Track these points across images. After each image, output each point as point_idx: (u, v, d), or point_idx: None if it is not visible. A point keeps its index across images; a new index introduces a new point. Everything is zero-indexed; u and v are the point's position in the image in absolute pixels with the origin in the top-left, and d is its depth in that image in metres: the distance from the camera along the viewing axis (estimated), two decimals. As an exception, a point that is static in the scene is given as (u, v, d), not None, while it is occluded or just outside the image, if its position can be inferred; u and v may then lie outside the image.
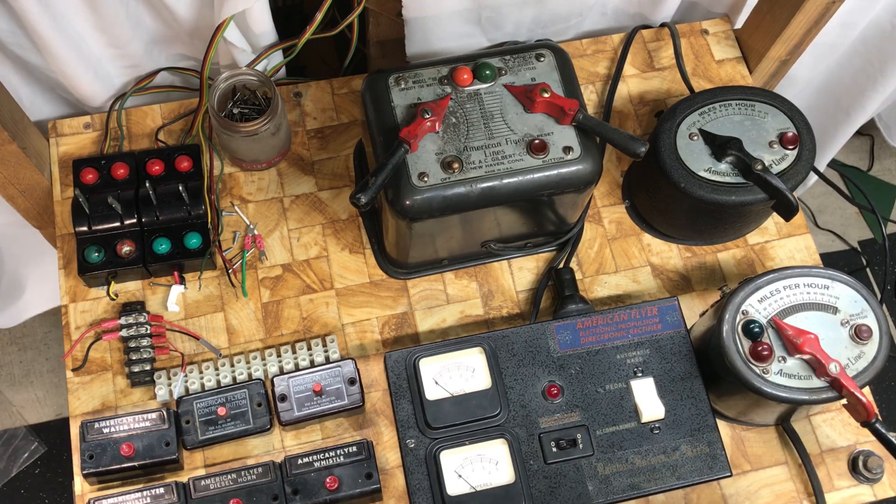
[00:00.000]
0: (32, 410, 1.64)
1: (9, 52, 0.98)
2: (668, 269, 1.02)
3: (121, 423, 0.87)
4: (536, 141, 0.86)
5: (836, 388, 0.82)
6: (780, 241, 1.04)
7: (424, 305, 0.98)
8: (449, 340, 0.91)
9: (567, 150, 0.86)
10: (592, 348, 0.91)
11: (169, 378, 0.92)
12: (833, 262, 1.81)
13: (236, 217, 1.01)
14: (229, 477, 0.86)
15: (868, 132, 1.91)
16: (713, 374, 0.89)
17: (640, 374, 0.90)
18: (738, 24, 1.15)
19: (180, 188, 0.95)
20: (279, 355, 0.94)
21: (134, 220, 0.95)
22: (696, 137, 0.95)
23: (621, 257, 1.02)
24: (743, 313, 0.86)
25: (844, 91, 1.40)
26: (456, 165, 0.84)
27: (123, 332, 0.93)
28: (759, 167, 0.91)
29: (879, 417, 0.83)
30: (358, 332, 0.97)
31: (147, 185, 0.95)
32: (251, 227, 1.00)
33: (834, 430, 0.95)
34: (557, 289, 0.98)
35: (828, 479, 0.93)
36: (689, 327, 0.93)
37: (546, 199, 0.89)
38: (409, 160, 0.84)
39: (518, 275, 1.00)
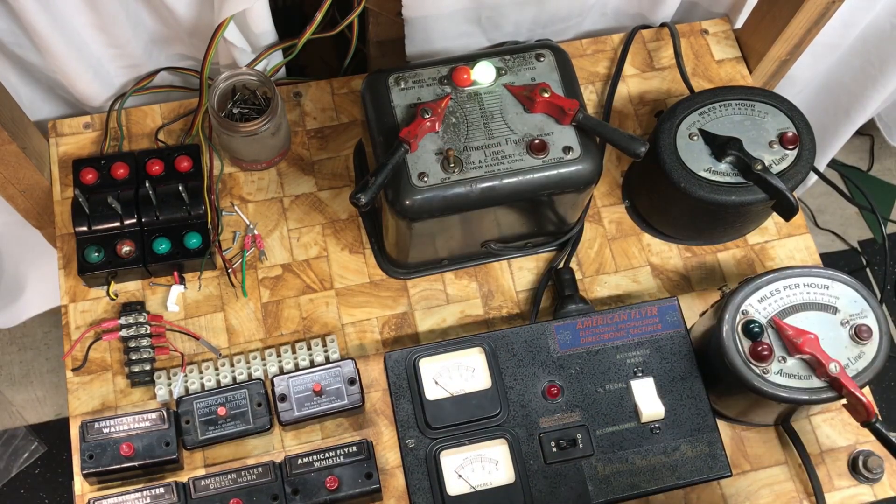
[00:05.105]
0: (32, 410, 1.64)
1: (8, 52, 0.98)
2: (668, 269, 1.02)
3: (121, 423, 0.87)
4: (536, 141, 0.86)
5: (836, 387, 0.82)
6: (780, 241, 1.04)
7: (424, 305, 0.98)
8: (449, 340, 0.91)
9: (567, 150, 0.86)
10: (592, 348, 0.91)
11: (169, 378, 0.92)
12: (833, 262, 1.81)
13: (236, 217, 1.01)
14: (229, 477, 0.86)
15: (868, 132, 1.91)
16: (713, 374, 0.89)
17: (640, 374, 0.90)
18: (738, 24, 1.15)
19: (180, 188, 0.95)
20: (279, 355, 0.94)
21: (134, 220, 0.95)
22: (696, 137, 0.95)
23: (621, 257, 1.02)
24: (743, 313, 0.86)
25: (844, 91, 1.40)
26: (456, 165, 0.84)
27: (123, 332, 0.93)
28: (759, 167, 0.91)
29: (879, 417, 0.83)
30: (358, 332, 0.97)
31: (147, 185, 0.95)
32: (251, 227, 1.00)
33: (834, 429, 0.95)
34: (557, 289, 0.98)
35: (828, 479, 0.93)
36: (689, 327, 0.93)
37: (546, 199, 0.89)
38: (409, 160, 0.84)
39: (518, 275, 1.00)
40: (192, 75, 1.06)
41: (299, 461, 0.86)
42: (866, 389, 0.90)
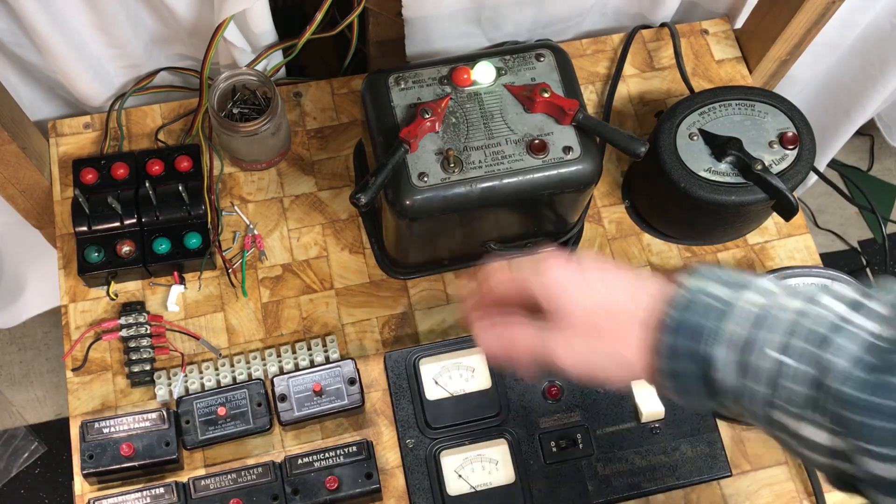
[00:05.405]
0: (32, 410, 1.64)
1: (8, 52, 0.98)
2: (668, 269, 1.02)
3: (121, 423, 0.87)
4: (536, 141, 0.86)
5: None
6: (780, 241, 1.04)
7: (424, 305, 0.98)
8: (449, 340, 0.91)
9: (567, 150, 0.86)
10: (592, 348, 0.90)
11: (169, 378, 0.92)
12: (833, 262, 1.81)
13: (236, 217, 1.01)
14: (229, 477, 0.86)
15: (868, 132, 1.91)
16: (713, 374, 0.89)
17: (640, 374, 0.90)
18: (738, 24, 1.15)
19: (180, 188, 0.95)
20: (279, 355, 0.94)
21: (134, 220, 0.95)
22: (696, 137, 0.95)
23: (621, 257, 1.02)
24: (743, 313, 0.86)
25: (844, 91, 1.40)
26: (456, 165, 0.84)
27: (123, 332, 0.93)
28: (759, 167, 0.91)
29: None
30: (358, 332, 0.97)
31: (147, 185, 0.95)
32: (251, 227, 1.00)
33: (834, 430, 0.95)
34: (557, 289, 0.98)
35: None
36: (689, 327, 0.93)
37: (546, 199, 0.89)
38: (408, 160, 0.84)
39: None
40: (192, 75, 1.06)
41: (299, 461, 0.87)
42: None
